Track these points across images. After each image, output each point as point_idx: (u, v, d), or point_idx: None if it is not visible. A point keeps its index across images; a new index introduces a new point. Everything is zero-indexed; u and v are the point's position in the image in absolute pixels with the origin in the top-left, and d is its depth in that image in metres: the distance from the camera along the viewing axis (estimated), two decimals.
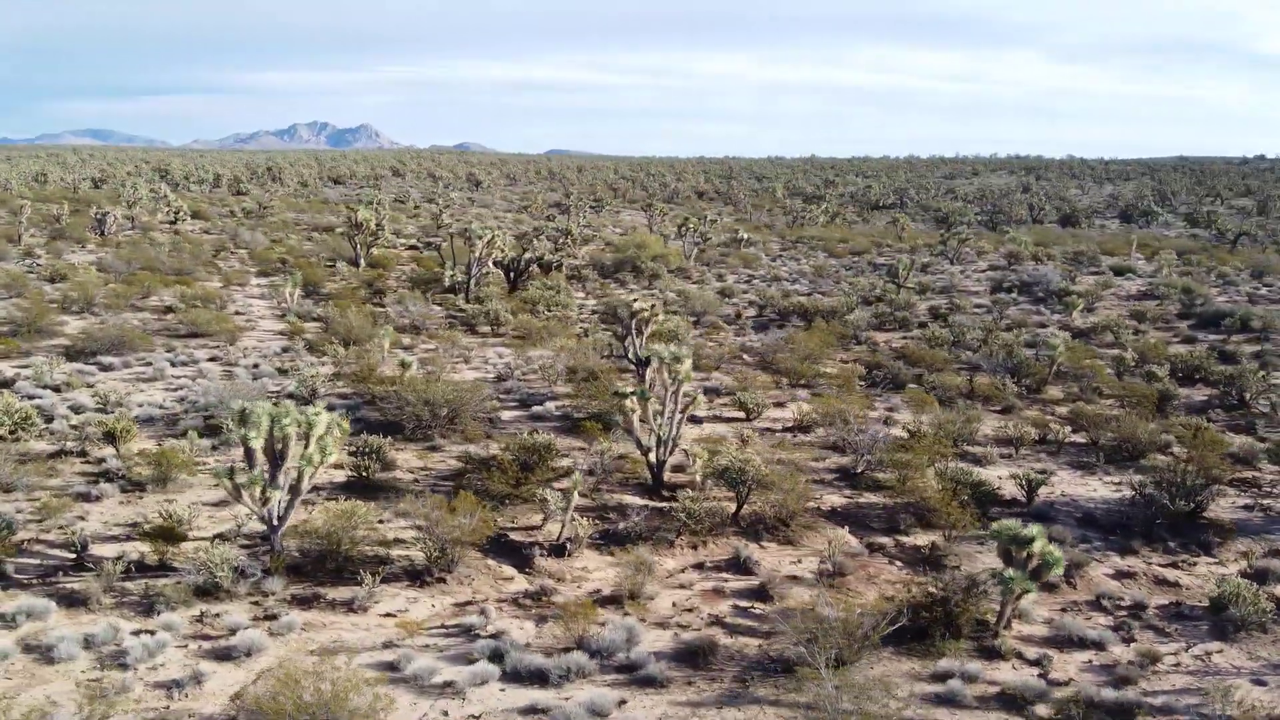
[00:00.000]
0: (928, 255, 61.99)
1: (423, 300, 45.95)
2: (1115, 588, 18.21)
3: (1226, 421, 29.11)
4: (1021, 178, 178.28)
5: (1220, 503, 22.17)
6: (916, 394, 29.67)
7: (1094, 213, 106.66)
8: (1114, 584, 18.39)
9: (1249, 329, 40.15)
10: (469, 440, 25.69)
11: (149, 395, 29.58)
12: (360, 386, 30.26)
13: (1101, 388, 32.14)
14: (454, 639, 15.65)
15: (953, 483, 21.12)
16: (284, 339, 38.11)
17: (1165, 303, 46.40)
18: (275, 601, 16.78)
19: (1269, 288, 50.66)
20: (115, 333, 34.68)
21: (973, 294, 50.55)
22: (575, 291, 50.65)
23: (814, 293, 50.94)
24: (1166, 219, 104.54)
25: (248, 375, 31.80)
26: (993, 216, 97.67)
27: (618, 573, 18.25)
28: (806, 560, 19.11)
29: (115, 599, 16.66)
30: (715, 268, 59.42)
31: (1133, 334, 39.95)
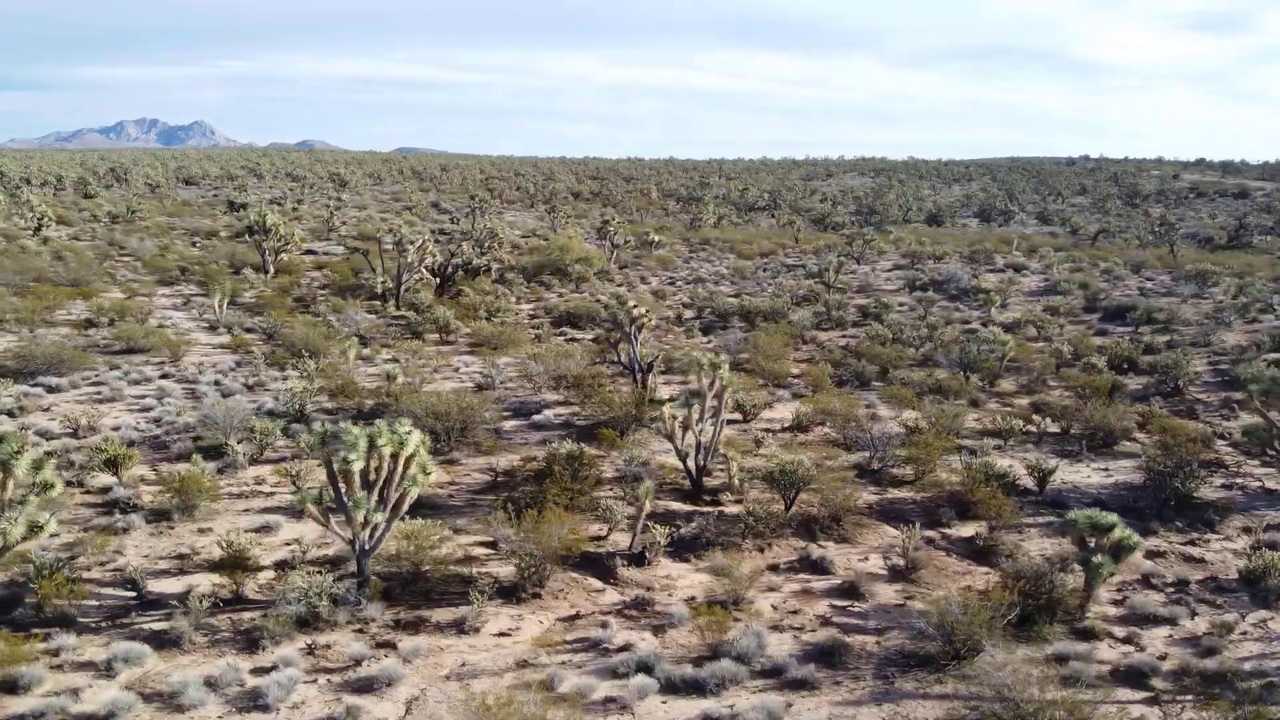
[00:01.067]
0: (834, 255, 64.33)
1: (358, 308, 44.62)
2: (1152, 566, 19.75)
3: (1169, 408, 31.68)
4: (873, 178, 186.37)
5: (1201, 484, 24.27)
6: (898, 391, 31.02)
7: (953, 212, 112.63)
8: (1149, 563, 19.93)
9: (1154, 321, 43.63)
10: (486, 452, 25.32)
11: (117, 418, 27.77)
12: (345, 401, 29.33)
13: (1047, 378, 34.46)
14: (584, 654, 15.62)
15: (982, 475, 22.33)
16: (230, 353, 36.35)
17: (1069, 298, 49.82)
18: (380, 628, 16.30)
19: (1151, 281, 55.11)
20: (53, 351, 32.29)
21: (889, 292, 52.84)
22: (507, 295, 50.17)
23: (741, 293, 52.16)
24: (1021, 217, 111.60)
25: (215, 393, 30.25)
26: (867, 217, 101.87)
27: (703, 579, 18.56)
28: (872, 557, 19.87)
29: (207, 637, 15.82)
30: (634, 270, 59.92)
31: (1059, 329, 42.78)
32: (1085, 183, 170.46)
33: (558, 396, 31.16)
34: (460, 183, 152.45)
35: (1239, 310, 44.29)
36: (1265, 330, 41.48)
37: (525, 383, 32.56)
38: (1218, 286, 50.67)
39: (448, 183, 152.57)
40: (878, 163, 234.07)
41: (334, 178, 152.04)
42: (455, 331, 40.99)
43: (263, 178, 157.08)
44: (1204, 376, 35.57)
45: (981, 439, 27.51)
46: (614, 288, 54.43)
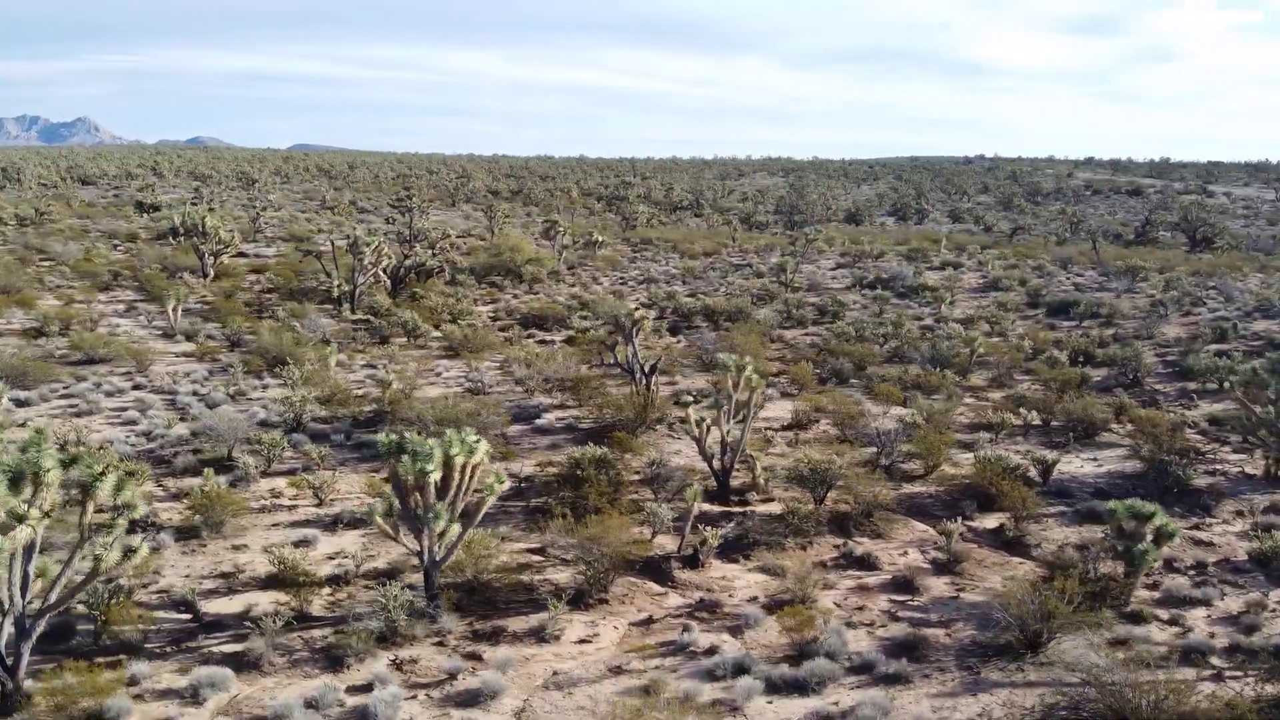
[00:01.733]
0: (781, 255, 65.42)
1: (317, 313, 43.57)
2: (1169, 551, 20.80)
3: (1132, 398, 33.30)
4: (784, 178, 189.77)
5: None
6: (884, 388, 31.88)
7: (870, 211, 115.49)
8: (1165, 548, 21.01)
9: (1097, 315, 45.74)
10: (503, 458, 25.11)
11: (99, 432, 26.61)
12: (339, 409, 28.71)
13: (1014, 373, 35.88)
14: (673, 658, 15.75)
15: (999, 467, 23.20)
16: (197, 361, 35.10)
17: (1010, 294, 51.79)
18: (459, 640, 16.15)
19: (1082, 276, 57.66)
20: (15, 362, 30.67)
21: (838, 291, 54.00)
22: (467, 297, 49.59)
23: (696, 293, 52.69)
24: (936, 216, 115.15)
25: (198, 404, 29.24)
26: (790, 216, 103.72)
27: (758, 579, 18.88)
28: (911, 551, 20.47)
29: (284, 657, 15.42)
30: (583, 270, 59.87)
31: (1011, 324, 44.49)
32: (986, 181, 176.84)
33: (552, 400, 31.07)
34: (373, 180, 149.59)
35: (1174, 304, 46.75)
36: (1203, 323, 43.91)
37: (514, 386, 32.37)
38: (1146, 281, 53.36)
39: (359, 181, 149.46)
40: (784, 162, 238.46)
41: (241, 176, 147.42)
42: (424, 335, 40.39)
43: (163, 176, 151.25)
44: (1156, 368, 37.45)
45: (974, 432, 28.52)
46: (569, 289, 54.36)
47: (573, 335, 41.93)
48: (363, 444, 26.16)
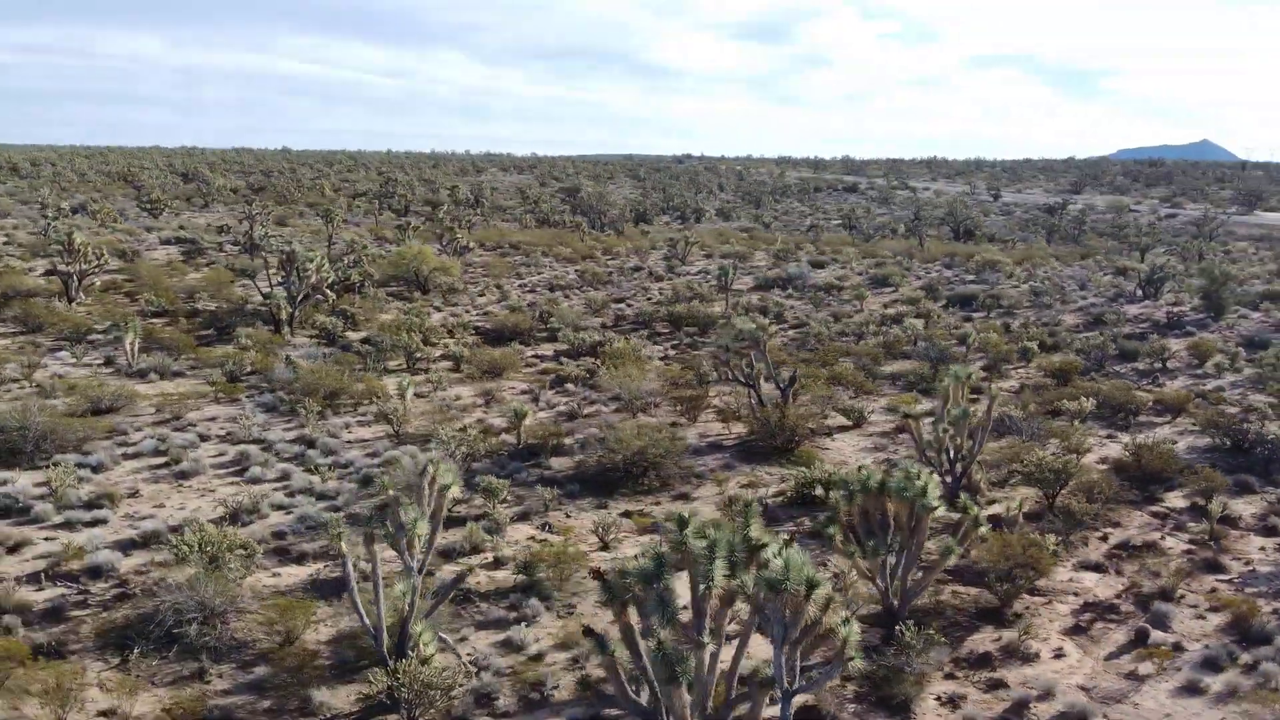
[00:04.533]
0: (657, 256, 66.59)
1: (280, 340, 39.25)
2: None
3: (1105, 379, 38.17)
4: (525, 175, 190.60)
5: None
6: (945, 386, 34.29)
7: (655, 211, 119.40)
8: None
9: (999, 307, 51.33)
10: (750, 485, 24.70)
11: (238, 493, 22.95)
12: (496, 444, 26.55)
13: (1003, 363, 39.84)
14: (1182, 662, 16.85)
15: (1160, 451, 26.23)
16: (216, 403, 30.69)
17: (904, 289, 56.59)
18: (954, 668, 16.31)
19: (948, 270, 63.89)
20: (43, 422, 25.32)
21: (744, 292, 56.20)
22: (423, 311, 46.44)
23: (624, 299, 52.87)
24: (710, 214, 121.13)
25: (291, 450, 25.88)
26: (589, 215, 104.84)
27: (1098, 578, 20.37)
28: (1167, 535, 22.81)
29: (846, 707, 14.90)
30: (481, 278, 57.78)
31: (938, 318, 48.80)
32: (720, 181, 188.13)
33: (663, 418, 30.56)
34: (78, 180, 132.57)
35: (1052, 293, 53.50)
36: (1089, 310, 50.70)
37: (592, 407, 31.38)
38: (1010, 276, 60.34)
39: (68, 182, 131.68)
40: (521, 160, 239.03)
41: None
42: (425, 357, 37.70)
43: None
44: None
45: (1051, 419, 31.58)
46: (481, 299, 52.40)
47: (564, 349, 40.87)
48: (548, 479, 24.62)
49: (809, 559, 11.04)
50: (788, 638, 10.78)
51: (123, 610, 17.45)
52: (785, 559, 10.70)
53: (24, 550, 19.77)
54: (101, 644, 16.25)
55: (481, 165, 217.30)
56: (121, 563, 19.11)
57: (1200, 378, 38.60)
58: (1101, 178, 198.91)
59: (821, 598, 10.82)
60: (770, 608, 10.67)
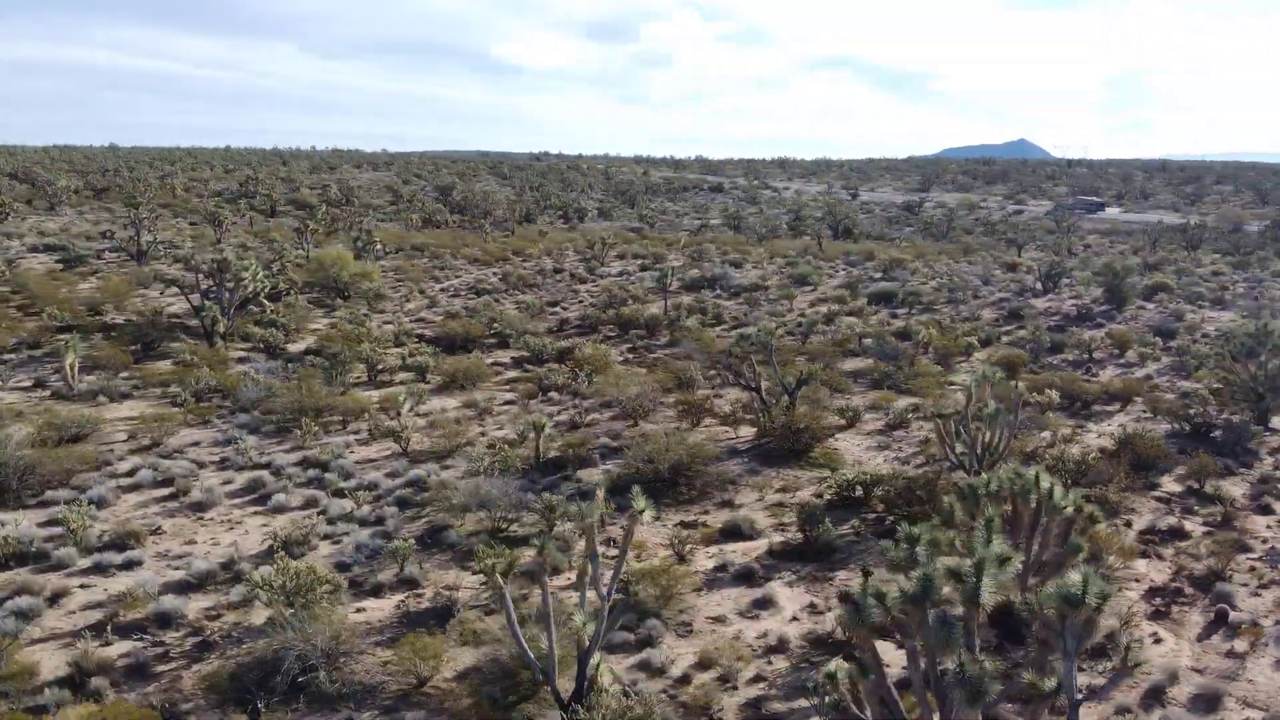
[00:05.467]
0: (574, 258, 65.92)
1: (222, 352, 36.81)
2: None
3: (1046, 371, 40.41)
4: (383, 173, 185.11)
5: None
6: (924, 382, 35.52)
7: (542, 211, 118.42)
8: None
9: (919, 303, 53.42)
10: (783, 489, 24.78)
11: (270, 524, 21.46)
12: (520, 457, 25.70)
13: (952, 358, 41.53)
14: None
15: (1153, 439, 27.98)
16: (191, 426, 28.52)
17: (824, 287, 58.11)
18: None
19: (858, 269, 65.82)
20: (31, 454, 22.92)
21: (670, 293, 56.39)
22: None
23: (557, 302, 52.26)
24: (594, 214, 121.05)
25: (297, 473, 24.42)
26: (484, 217, 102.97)
27: (1145, 563, 21.55)
28: (1184, 520, 24.34)
29: None
30: (399, 282, 55.85)
31: (872, 315, 50.40)
32: (591, 180, 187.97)
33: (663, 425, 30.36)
34: None
35: (962, 289, 56.11)
36: (1001, 305, 53.43)
37: (590, 416, 30.97)
38: (914, 273, 62.83)
39: None
40: (374, 156, 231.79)
41: None
42: (387, 369, 36.17)
43: None
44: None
45: (1043, 413, 33.07)
46: (414, 304, 50.73)
47: (525, 356, 40.06)
48: (585, 493, 24.09)
49: (1095, 574, 11.18)
50: (1077, 649, 10.96)
51: (214, 660, 16.03)
52: (1084, 575, 10.85)
53: (65, 601, 17.87)
54: (218, 700, 14.86)
55: (334, 162, 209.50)
56: (187, 607, 17.53)
57: (1126, 366, 41.34)
58: (943, 176, 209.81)
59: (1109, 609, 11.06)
60: (1068, 622, 10.81)
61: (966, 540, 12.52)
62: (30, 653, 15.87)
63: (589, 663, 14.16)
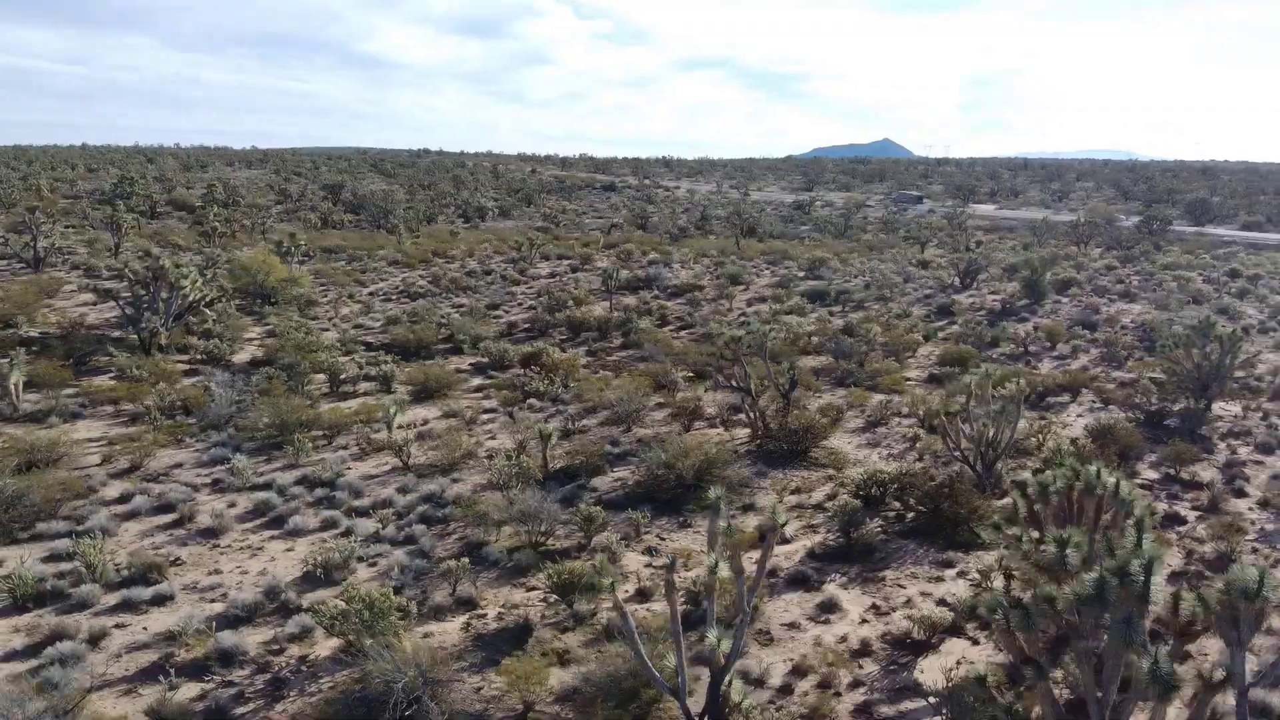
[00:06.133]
0: (501, 260, 64.80)
1: (165, 364, 34.75)
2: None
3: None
4: (258, 170, 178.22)
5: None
6: (890, 379, 36.35)
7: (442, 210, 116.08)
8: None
9: (851, 300, 54.71)
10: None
11: (299, 548, 20.40)
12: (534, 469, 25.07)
13: (905, 354, 42.74)
14: None
15: (1127, 429, 29.43)
16: (166, 448, 26.80)
17: (755, 285, 58.86)
18: None
19: (784, 269, 66.80)
20: (15, 483, 21.11)
21: (599, 293, 56.14)
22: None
23: (497, 305, 51.39)
24: (493, 213, 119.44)
25: (297, 492, 23.33)
26: (384, 217, 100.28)
27: None
28: (1174, 506, 25.67)
29: None
30: (321, 286, 53.83)
31: (813, 312, 51.33)
32: (480, 178, 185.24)
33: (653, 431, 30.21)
34: None
35: (891, 288, 57.78)
36: (928, 301, 55.22)
37: (580, 423, 30.59)
38: (835, 271, 64.27)
39: None
40: (245, 154, 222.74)
41: None
42: (352, 378, 34.83)
43: None
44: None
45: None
46: (347, 310, 49.02)
47: (484, 362, 39.24)
48: (606, 502, 23.77)
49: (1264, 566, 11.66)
50: (1248, 640, 11.41)
51: (294, 699, 15.11)
52: (1260, 570, 11.30)
53: (106, 644, 16.53)
54: None
55: (204, 160, 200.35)
56: (245, 642, 16.46)
57: (1060, 359, 43.35)
58: (823, 175, 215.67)
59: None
60: (1242, 615, 11.24)
61: (1106, 540, 12.83)
62: (94, 703, 14.62)
63: (723, 680, 13.95)
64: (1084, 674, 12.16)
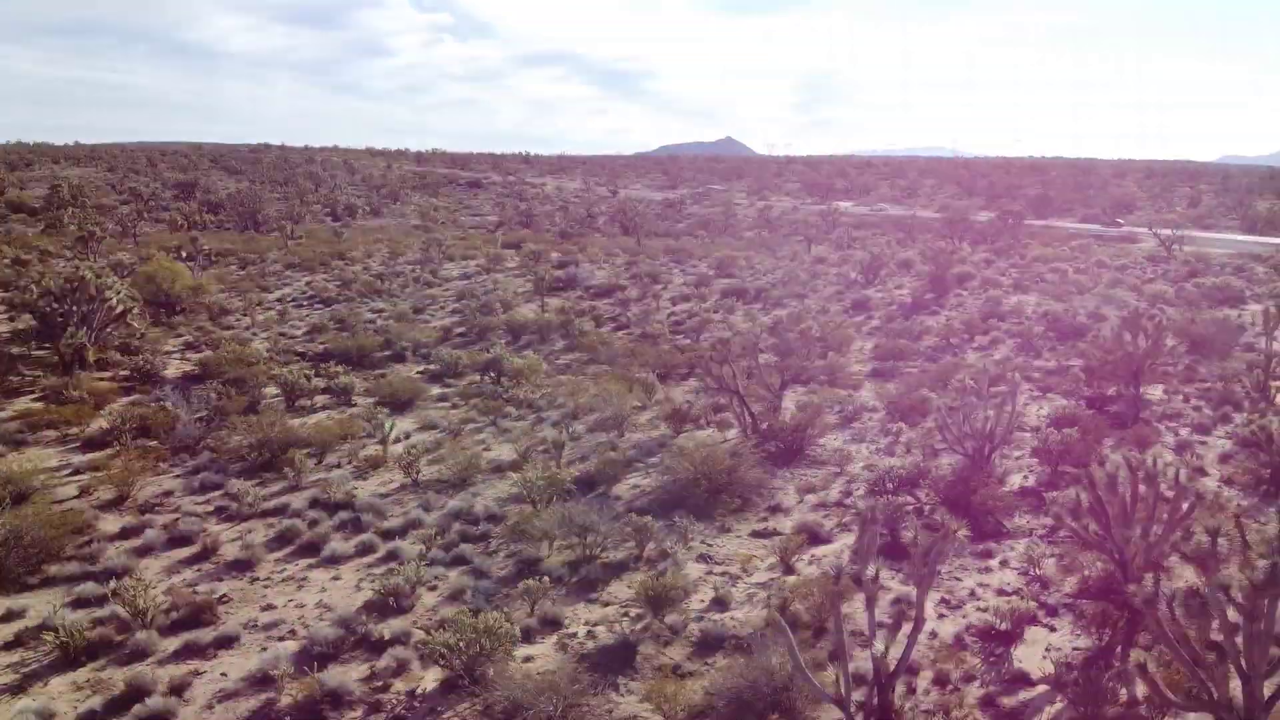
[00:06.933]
0: (401, 261, 62.72)
1: (92, 380, 32.11)
2: None
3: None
4: (89, 168, 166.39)
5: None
6: (850, 377, 37.27)
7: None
8: None
9: (770, 298, 55.74)
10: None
11: (339, 583, 19.27)
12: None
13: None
14: None
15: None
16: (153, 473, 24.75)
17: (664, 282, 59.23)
18: None
19: (694, 267, 67.29)
20: (52, 525, 19.05)
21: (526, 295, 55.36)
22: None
23: (421, 309, 49.88)
24: (363, 212, 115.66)
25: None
26: (250, 218, 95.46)
27: None
28: None
29: None
30: (221, 294, 50.88)
31: (733, 310, 52.03)
32: (334, 174, 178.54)
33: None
34: None
35: (802, 285, 59.25)
36: (840, 297, 56.89)
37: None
38: (741, 268, 65.31)
39: None
40: (70, 150, 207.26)
41: None
42: (309, 391, 33.07)
43: None
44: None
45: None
46: (263, 317, 46.49)
47: (430, 369, 38.01)
48: (639, 509, 23.48)
49: None
50: None
51: None
52: None
53: (190, 694, 15.15)
54: None
55: (29, 158, 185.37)
56: (348, 681, 15.42)
57: (982, 350, 45.46)
58: (684, 173, 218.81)
59: None
60: None
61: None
62: None
63: (891, 685, 14.04)
64: (1252, 656, 12.88)
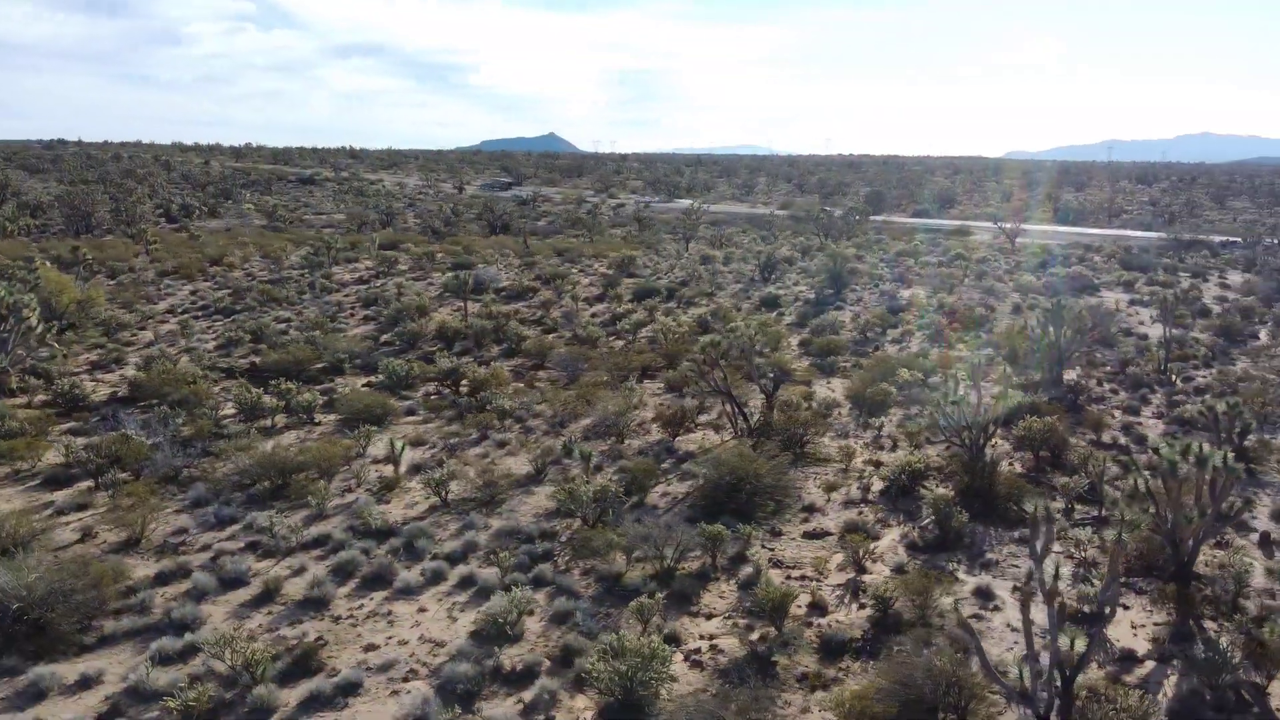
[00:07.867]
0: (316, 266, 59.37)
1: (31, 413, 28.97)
2: None
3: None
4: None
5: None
6: (805, 374, 38.09)
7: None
8: None
9: (679, 296, 56.19)
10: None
11: (458, 614, 18.30)
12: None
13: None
14: None
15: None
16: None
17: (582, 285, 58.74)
18: None
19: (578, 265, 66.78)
20: (100, 578, 16.90)
21: (441, 298, 53.69)
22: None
23: (334, 317, 47.48)
24: (249, 208, 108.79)
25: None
26: (82, 221, 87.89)
27: None
28: None
29: None
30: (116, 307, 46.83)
31: (679, 312, 52.17)
32: (150, 173, 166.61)
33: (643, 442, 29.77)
34: None
35: (708, 283, 60.04)
36: (745, 295, 58.04)
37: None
38: (644, 268, 65.51)
39: None
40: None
41: None
42: (271, 410, 30.95)
43: None
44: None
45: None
46: (167, 329, 43.11)
47: (370, 381, 36.37)
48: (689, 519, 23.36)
49: None
50: None
51: None
52: None
53: None
54: None
55: None
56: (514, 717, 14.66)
57: (898, 343, 47.59)
58: (522, 169, 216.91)
59: None
60: None
61: None
62: None
63: (1075, 679, 14.57)
64: None
